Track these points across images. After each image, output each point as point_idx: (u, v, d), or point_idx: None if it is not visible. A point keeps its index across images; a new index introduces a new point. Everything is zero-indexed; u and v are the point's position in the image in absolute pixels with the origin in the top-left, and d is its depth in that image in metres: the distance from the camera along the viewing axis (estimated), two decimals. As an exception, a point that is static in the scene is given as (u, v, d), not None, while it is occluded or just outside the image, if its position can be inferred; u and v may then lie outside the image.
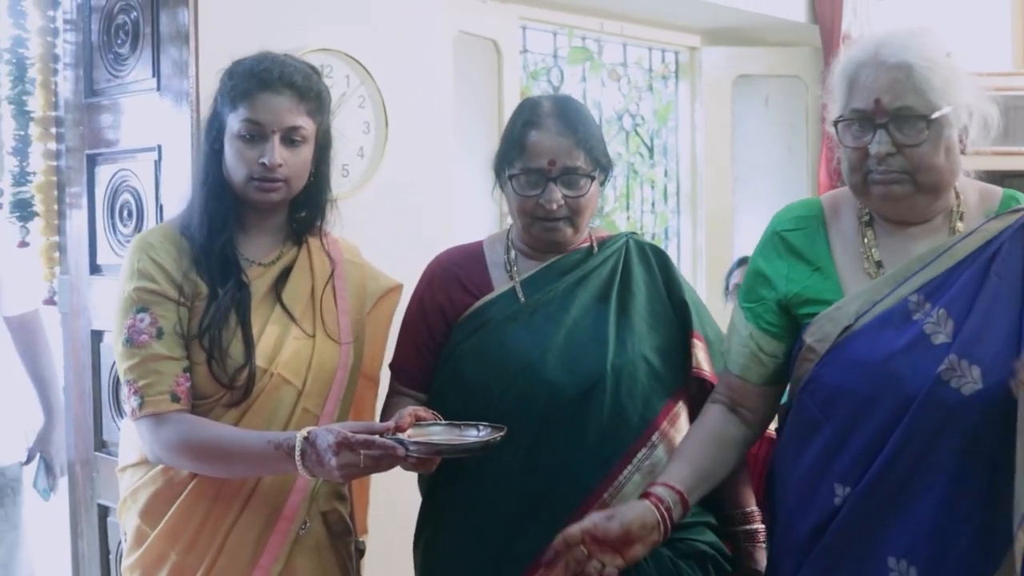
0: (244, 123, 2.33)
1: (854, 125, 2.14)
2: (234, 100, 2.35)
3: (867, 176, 2.14)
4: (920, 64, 2.07)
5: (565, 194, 2.42)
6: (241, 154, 2.34)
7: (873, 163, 2.11)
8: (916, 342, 2.09)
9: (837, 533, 2.14)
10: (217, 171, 2.38)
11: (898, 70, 2.07)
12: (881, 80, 2.09)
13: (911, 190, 2.12)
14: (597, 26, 5.20)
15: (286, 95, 2.35)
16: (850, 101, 2.14)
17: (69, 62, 3.59)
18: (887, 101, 2.08)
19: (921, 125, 2.07)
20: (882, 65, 2.09)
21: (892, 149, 2.09)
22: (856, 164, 2.15)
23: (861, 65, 2.13)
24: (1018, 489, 2.03)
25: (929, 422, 2.05)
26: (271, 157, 2.33)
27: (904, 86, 2.07)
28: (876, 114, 2.10)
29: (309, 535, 2.42)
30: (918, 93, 2.06)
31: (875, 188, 2.14)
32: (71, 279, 3.63)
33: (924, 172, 2.10)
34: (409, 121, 3.68)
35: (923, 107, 2.07)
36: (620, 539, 2.13)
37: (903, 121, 2.08)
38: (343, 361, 2.46)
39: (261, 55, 2.41)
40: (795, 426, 2.26)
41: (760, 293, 2.32)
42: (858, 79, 2.13)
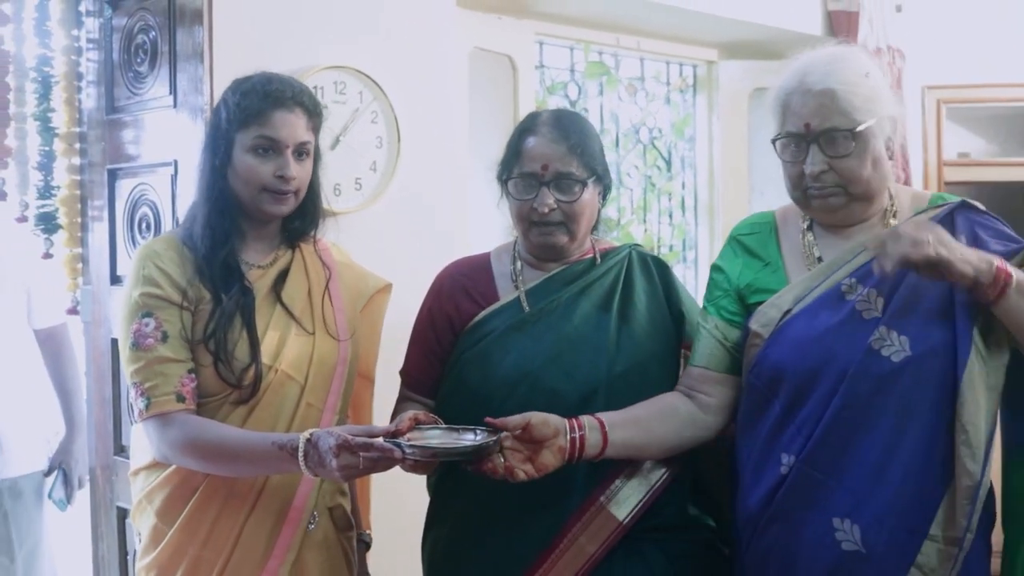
0: (259, 139, 2.45)
1: (790, 145, 2.36)
2: (245, 119, 2.45)
3: (806, 192, 2.37)
4: (842, 88, 2.29)
5: (558, 198, 2.50)
6: (255, 169, 2.45)
7: (809, 180, 2.34)
8: (849, 318, 2.30)
9: (784, 499, 2.31)
10: (222, 186, 2.47)
11: (823, 96, 2.31)
12: (809, 105, 2.32)
13: (845, 200, 2.36)
14: (613, 41, 5.22)
15: (297, 112, 2.48)
16: (784, 124, 2.36)
17: (92, 80, 3.67)
18: (816, 124, 2.32)
19: (848, 140, 2.30)
20: (808, 92, 2.32)
21: (825, 167, 2.32)
22: (796, 182, 2.38)
23: (790, 93, 2.35)
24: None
25: (864, 389, 2.25)
26: (288, 170, 2.46)
27: (829, 109, 2.30)
28: (807, 135, 2.32)
29: (318, 529, 2.53)
30: (842, 114, 2.29)
31: (814, 202, 2.37)
32: (93, 289, 3.71)
33: (854, 184, 2.33)
34: (422, 136, 3.73)
35: (848, 124, 2.29)
36: (524, 434, 2.28)
37: (831, 139, 2.30)
38: (342, 356, 2.56)
39: (265, 76, 2.51)
40: (747, 406, 2.43)
41: (720, 286, 2.51)
42: (789, 105, 2.35)
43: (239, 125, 2.45)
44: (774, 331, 2.38)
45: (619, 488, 2.46)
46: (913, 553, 2.23)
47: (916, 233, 2.16)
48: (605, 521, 2.44)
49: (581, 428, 2.33)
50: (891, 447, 2.25)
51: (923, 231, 2.17)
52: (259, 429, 2.41)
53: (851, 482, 2.27)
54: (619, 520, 2.44)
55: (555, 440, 2.30)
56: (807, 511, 2.30)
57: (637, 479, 2.47)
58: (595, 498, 2.45)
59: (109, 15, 3.55)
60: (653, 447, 2.44)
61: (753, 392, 2.42)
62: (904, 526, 2.24)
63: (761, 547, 2.37)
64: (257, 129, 2.45)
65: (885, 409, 2.26)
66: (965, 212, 2.41)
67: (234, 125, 2.46)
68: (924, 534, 2.24)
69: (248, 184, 2.46)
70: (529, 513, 2.45)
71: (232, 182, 2.47)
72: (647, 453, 2.44)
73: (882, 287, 2.31)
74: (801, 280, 2.42)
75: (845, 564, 2.26)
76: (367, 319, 2.69)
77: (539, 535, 2.45)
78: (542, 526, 2.45)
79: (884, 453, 2.25)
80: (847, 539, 2.25)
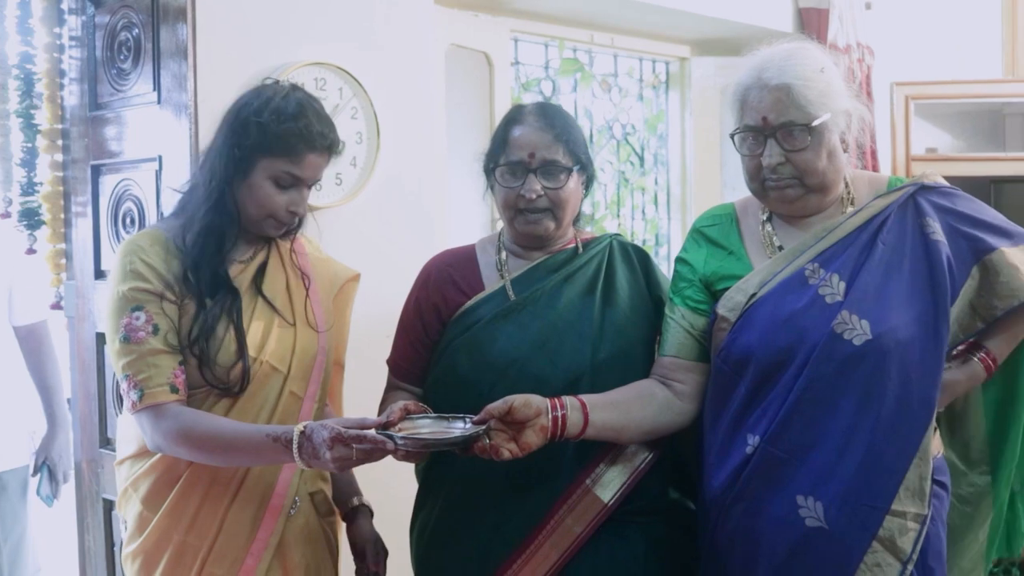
0: (285, 174, 2.48)
1: (748, 139, 2.43)
2: (272, 147, 2.46)
3: (764, 183, 2.44)
4: (797, 83, 2.36)
5: (545, 185, 2.56)
6: (272, 198, 2.49)
7: (767, 172, 2.41)
8: (812, 302, 2.37)
9: (749, 479, 2.37)
10: (229, 199, 2.49)
11: (779, 90, 2.38)
12: (766, 100, 2.39)
13: (802, 192, 2.43)
14: (587, 38, 5.26)
15: (324, 156, 2.54)
16: (742, 118, 2.44)
17: (75, 77, 3.67)
18: (772, 118, 2.39)
19: (803, 133, 2.37)
20: (765, 87, 2.39)
21: (781, 159, 2.39)
22: (754, 173, 2.45)
23: (748, 88, 2.42)
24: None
25: (827, 371, 2.32)
26: (302, 207, 2.55)
27: (785, 104, 2.37)
28: (764, 128, 2.39)
29: (299, 515, 2.57)
30: (798, 108, 2.36)
31: (771, 193, 2.45)
32: (77, 284, 3.72)
33: (810, 175, 2.40)
34: (401, 131, 3.77)
35: (804, 119, 2.36)
36: (507, 416, 2.33)
37: (788, 133, 2.37)
38: (321, 346, 2.61)
39: (301, 105, 2.51)
40: (714, 390, 2.50)
41: (685, 277, 2.57)
42: (747, 100, 2.43)
43: (267, 152, 2.47)
44: (741, 315, 2.45)
45: (604, 471, 2.52)
46: (875, 527, 2.31)
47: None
48: (591, 503, 2.50)
49: (563, 408, 2.38)
50: (853, 426, 2.32)
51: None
52: (243, 418, 2.45)
53: (814, 461, 2.34)
54: (604, 502, 2.50)
55: (537, 420, 2.34)
56: (771, 490, 2.37)
57: (620, 463, 2.53)
58: (581, 480, 2.51)
59: (92, 13, 3.56)
60: (631, 429, 2.48)
61: (720, 376, 2.49)
62: (866, 502, 2.31)
63: (727, 528, 2.44)
64: (286, 164, 2.48)
65: (847, 390, 2.33)
66: (926, 195, 2.49)
67: (263, 149, 2.47)
68: (886, 510, 2.31)
69: (259, 209, 2.50)
70: (517, 495, 2.50)
71: (241, 197, 2.50)
72: (625, 435, 2.49)
73: (844, 272, 2.39)
74: (765, 265, 2.49)
75: (809, 540, 2.33)
76: (337, 308, 2.73)
77: (527, 516, 2.50)
78: (530, 507, 2.50)
79: (846, 432, 2.32)
80: (810, 515, 2.32)
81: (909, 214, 2.46)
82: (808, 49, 2.47)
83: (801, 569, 2.34)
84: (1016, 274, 2.43)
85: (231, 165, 2.48)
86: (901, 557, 2.32)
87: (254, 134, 2.47)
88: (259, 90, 2.54)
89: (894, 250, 2.42)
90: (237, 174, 2.48)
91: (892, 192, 2.50)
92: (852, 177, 2.56)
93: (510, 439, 2.34)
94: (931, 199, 2.48)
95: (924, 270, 2.40)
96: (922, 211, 2.46)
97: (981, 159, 5.94)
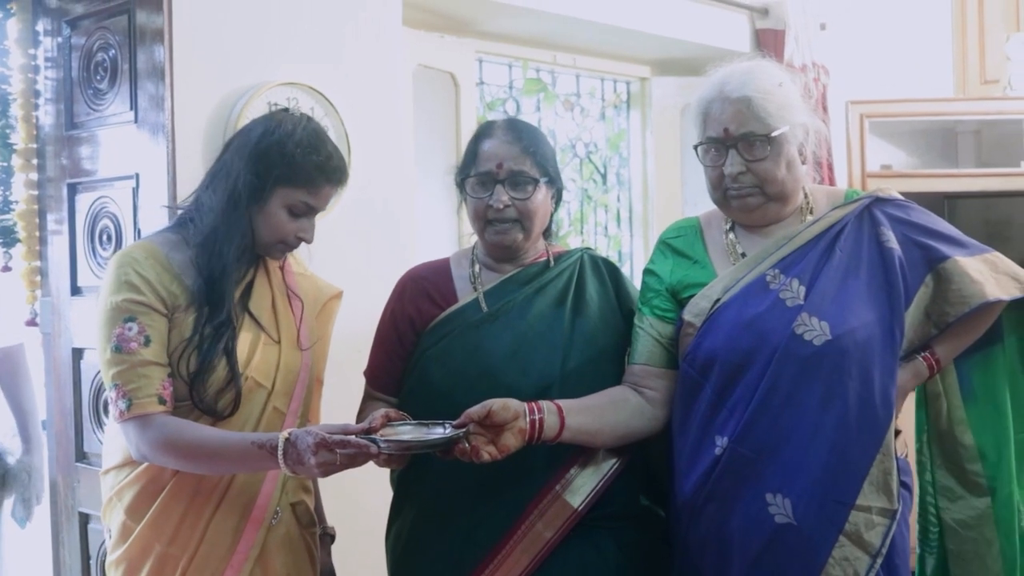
0: (300, 203, 2.55)
1: (711, 150, 2.51)
2: (293, 178, 2.53)
3: (726, 193, 2.52)
4: (757, 96, 2.45)
5: (512, 196, 2.61)
6: (285, 226, 2.56)
7: (729, 181, 2.50)
8: (774, 305, 2.45)
9: (719, 480, 2.43)
10: (250, 225, 2.55)
11: (740, 103, 2.46)
12: (727, 112, 2.47)
13: (762, 200, 2.52)
14: (550, 58, 5.32)
15: (337, 188, 2.64)
16: (705, 130, 2.52)
17: (50, 97, 3.70)
18: (733, 129, 2.47)
19: (763, 144, 2.45)
20: (727, 99, 2.47)
21: (742, 168, 2.48)
22: (716, 183, 2.54)
23: (710, 101, 2.51)
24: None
25: (789, 371, 2.39)
26: (310, 235, 2.61)
27: (746, 115, 2.46)
28: (726, 140, 2.47)
29: (280, 524, 2.59)
30: (758, 120, 2.45)
31: (733, 202, 2.53)
32: (52, 301, 3.73)
33: (769, 184, 2.49)
34: (371, 149, 3.80)
35: (763, 130, 2.45)
36: (486, 419, 2.38)
37: (748, 143, 2.46)
38: (305, 363, 2.65)
39: (316, 136, 2.59)
40: (681, 394, 2.56)
41: (653, 287, 2.64)
42: (709, 112, 2.51)
43: (288, 183, 2.53)
44: (706, 320, 2.52)
45: (573, 477, 2.55)
46: (841, 522, 2.38)
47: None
48: (561, 508, 2.53)
49: (540, 411, 2.43)
50: (817, 424, 2.39)
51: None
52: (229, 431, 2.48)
53: (782, 459, 2.40)
54: (573, 507, 2.53)
55: (515, 423, 2.39)
56: (741, 488, 2.43)
57: (590, 468, 2.57)
58: (551, 486, 2.54)
59: (68, 34, 3.60)
60: (605, 433, 2.53)
61: (686, 380, 2.55)
62: (832, 497, 2.38)
63: (700, 528, 2.49)
64: (304, 195, 2.54)
65: (810, 389, 2.40)
66: (882, 206, 2.58)
67: (284, 180, 2.53)
68: (851, 505, 2.39)
69: (272, 235, 2.56)
70: (488, 500, 2.54)
71: (255, 223, 2.55)
72: (600, 439, 2.53)
73: (803, 277, 2.47)
74: (728, 272, 2.56)
75: (779, 537, 2.39)
76: (319, 325, 2.76)
77: (498, 521, 2.53)
78: (501, 513, 2.54)
79: (811, 430, 2.40)
80: (779, 512, 2.39)
81: (865, 224, 2.54)
82: (767, 66, 2.57)
83: (773, 565, 2.40)
84: (968, 282, 2.51)
85: (247, 191, 2.52)
86: (869, 551, 2.39)
87: (278, 165, 2.52)
88: (277, 119, 2.59)
89: (851, 256, 2.50)
90: (252, 200, 2.53)
91: (849, 203, 2.59)
92: (811, 189, 2.65)
93: (489, 442, 2.38)
94: (886, 210, 2.57)
95: (880, 275, 2.49)
96: (877, 221, 2.54)
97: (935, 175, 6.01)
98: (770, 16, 5.67)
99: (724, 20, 5.57)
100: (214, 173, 2.60)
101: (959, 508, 2.67)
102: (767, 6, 5.67)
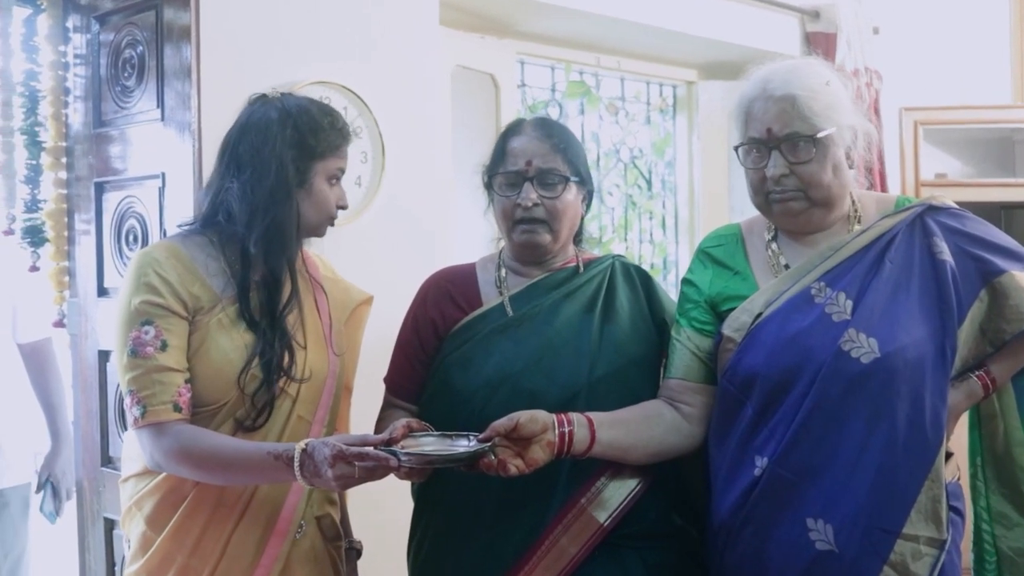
0: (338, 171, 2.56)
1: (752, 151, 2.41)
2: (324, 151, 2.52)
3: (768, 196, 2.41)
4: (802, 94, 2.34)
5: (541, 194, 2.54)
6: (330, 198, 2.55)
7: (771, 184, 2.38)
8: (819, 321, 2.34)
9: (758, 502, 2.34)
10: (297, 211, 2.52)
11: (784, 101, 2.35)
12: (771, 111, 2.36)
13: (806, 205, 2.40)
14: (594, 61, 5.27)
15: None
16: (747, 131, 2.41)
17: (79, 95, 3.69)
18: (777, 129, 2.36)
19: (808, 145, 2.34)
20: (770, 98, 2.37)
21: (786, 170, 2.36)
22: (758, 186, 2.43)
23: (752, 100, 2.40)
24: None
25: (835, 390, 2.29)
26: (346, 199, 2.62)
27: (790, 115, 2.35)
28: (769, 140, 2.37)
29: (305, 539, 2.53)
30: (803, 119, 2.34)
31: (775, 207, 2.42)
32: (80, 302, 3.71)
33: (814, 188, 2.37)
34: (406, 152, 3.77)
35: (808, 130, 2.34)
36: (513, 432, 2.31)
37: (792, 144, 2.35)
38: (332, 370, 2.58)
39: (319, 106, 2.58)
40: (720, 411, 2.46)
41: (691, 298, 2.54)
42: (752, 111, 2.40)
43: (317, 158, 2.51)
44: (747, 335, 2.42)
45: (600, 490, 2.48)
46: (886, 552, 2.28)
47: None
48: (587, 523, 2.46)
49: (570, 424, 2.36)
50: (863, 447, 2.29)
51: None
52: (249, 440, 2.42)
53: (824, 482, 2.30)
54: (600, 523, 2.46)
55: (544, 435, 2.32)
56: (781, 512, 2.34)
57: (618, 482, 2.49)
58: (576, 500, 2.47)
59: (97, 31, 3.57)
60: (638, 450, 2.46)
61: (726, 397, 2.46)
62: (877, 525, 2.28)
63: (736, 551, 2.40)
64: (338, 161, 2.55)
65: (856, 409, 2.30)
66: (935, 215, 2.46)
67: (319, 154, 2.51)
68: (897, 533, 2.28)
69: (321, 211, 2.54)
70: (511, 514, 2.47)
71: (301, 206, 2.51)
72: (632, 456, 2.46)
73: (850, 290, 2.36)
74: (771, 285, 2.46)
75: (819, 564, 2.29)
76: (349, 331, 2.71)
77: (521, 536, 2.47)
78: (524, 527, 2.47)
79: (856, 453, 2.29)
80: (821, 538, 2.29)
81: (917, 234, 2.43)
82: (814, 63, 2.47)
83: None
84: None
85: (295, 176, 2.49)
86: None
87: (314, 140, 2.51)
88: (275, 101, 2.55)
89: (902, 269, 2.39)
90: (299, 184, 2.50)
91: (900, 212, 2.47)
92: (859, 196, 2.53)
93: (516, 455, 2.32)
94: (939, 219, 2.46)
95: (932, 289, 2.38)
96: (930, 231, 2.43)
97: (991, 185, 5.91)
98: (821, 19, 5.59)
99: (774, 23, 5.50)
100: (238, 168, 2.50)
101: (1016, 536, 2.54)
102: (818, 9, 5.59)
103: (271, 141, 2.48)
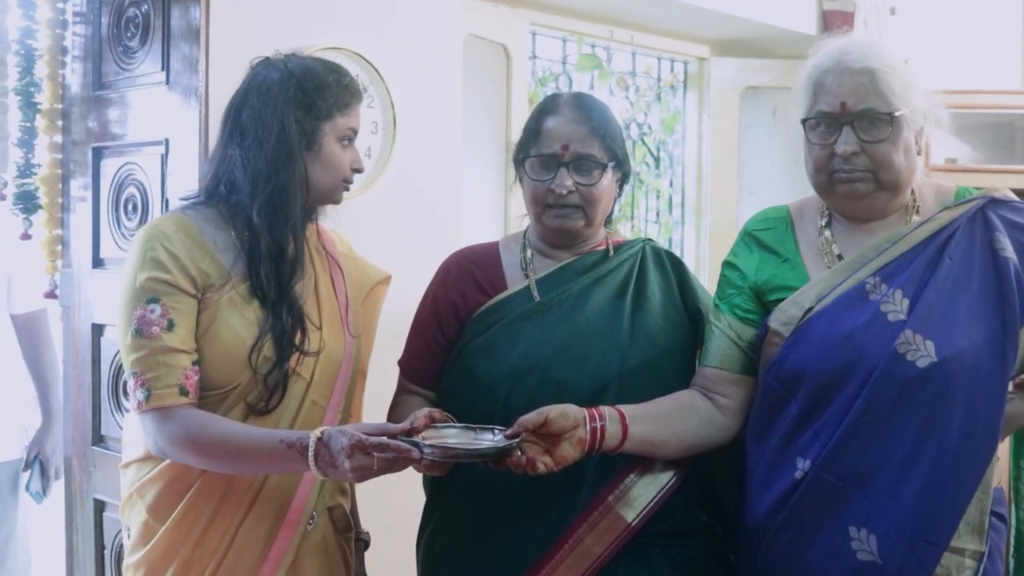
0: (349, 131, 2.46)
1: (820, 126, 2.31)
2: (331, 110, 2.42)
3: (832, 175, 2.32)
4: (882, 69, 2.25)
5: (577, 181, 2.45)
6: (343, 160, 2.45)
7: (839, 162, 2.29)
8: (873, 319, 2.25)
9: (799, 506, 2.26)
10: (306, 177, 2.42)
11: (862, 75, 2.26)
12: (846, 84, 2.27)
13: (873, 188, 2.31)
14: (607, 34, 5.20)
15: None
16: (816, 104, 2.32)
17: (78, 55, 3.59)
18: (852, 104, 2.26)
19: (884, 124, 2.25)
20: (847, 71, 2.27)
21: (857, 148, 2.27)
22: (822, 164, 2.32)
23: (826, 71, 2.30)
24: None
25: (887, 394, 2.20)
26: (361, 162, 2.52)
27: (867, 89, 2.25)
28: (842, 115, 2.27)
29: (316, 530, 2.45)
30: (880, 96, 2.24)
31: (840, 187, 2.32)
32: (73, 272, 3.63)
33: (885, 170, 2.28)
34: (417, 122, 3.70)
35: (886, 107, 2.24)
36: (542, 428, 2.22)
37: (867, 121, 2.26)
38: (348, 352, 2.49)
39: (325, 63, 2.49)
40: (761, 407, 2.37)
41: (734, 283, 2.46)
42: (824, 84, 2.30)
43: (324, 117, 2.41)
44: (795, 330, 2.31)
45: (630, 487, 2.40)
46: (932, 565, 2.19)
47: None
48: (613, 522, 2.37)
49: (601, 418, 2.27)
50: (913, 455, 2.19)
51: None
52: (261, 426, 2.32)
53: (870, 490, 2.21)
54: (627, 522, 2.38)
55: (574, 432, 2.23)
56: (822, 518, 2.25)
57: (648, 478, 2.40)
58: (604, 497, 2.39)
59: (98, -14, 3.49)
60: (671, 444, 2.37)
61: (769, 393, 2.35)
62: (923, 537, 2.19)
63: (771, 555, 2.31)
64: (348, 120, 2.45)
65: (909, 415, 2.20)
66: (996, 208, 2.35)
67: (326, 113, 2.42)
68: (944, 546, 2.19)
69: (334, 174, 2.45)
70: (534, 511, 2.39)
71: (311, 170, 2.42)
72: (665, 450, 2.37)
73: (908, 288, 2.26)
74: (823, 277, 2.35)
75: (860, 575, 2.21)
76: (365, 312, 2.62)
77: (544, 534, 2.38)
78: (547, 525, 2.38)
79: (905, 461, 2.19)
80: (863, 548, 2.20)
81: (978, 228, 2.31)
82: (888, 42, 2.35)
83: None
84: None
85: (301, 138, 2.40)
86: None
87: (320, 98, 2.41)
88: (278, 63, 2.45)
89: (961, 266, 2.28)
90: (307, 147, 2.41)
91: (961, 204, 2.35)
92: (918, 185, 2.42)
93: (544, 452, 2.22)
94: (1001, 213, 2.34)
95: (993, 288, 2.27)
96: (992, 225, 2.31)
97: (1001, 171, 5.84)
98: (839, -4, 5.52)
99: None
100: (240, 135, 2.42)
101: None
102: (836, -15, 5.52)
103: (273, 103, 2.39)
